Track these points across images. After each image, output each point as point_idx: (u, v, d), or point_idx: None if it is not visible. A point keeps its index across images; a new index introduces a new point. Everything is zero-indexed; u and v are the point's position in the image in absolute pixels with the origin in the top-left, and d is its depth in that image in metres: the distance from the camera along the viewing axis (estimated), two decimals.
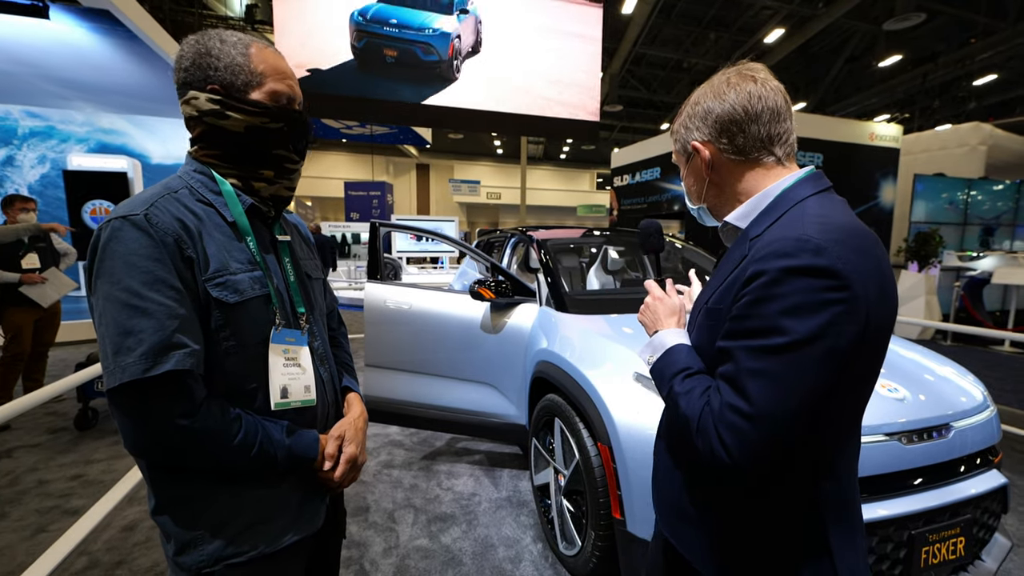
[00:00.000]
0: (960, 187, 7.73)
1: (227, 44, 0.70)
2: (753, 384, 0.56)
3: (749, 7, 10.40)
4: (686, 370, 0.68)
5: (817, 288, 0.54)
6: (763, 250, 0.58)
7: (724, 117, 0.68)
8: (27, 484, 2.34)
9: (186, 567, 0.67)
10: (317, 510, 0.79)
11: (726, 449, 0.57)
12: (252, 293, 0.70)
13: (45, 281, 3.15)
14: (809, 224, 0.59)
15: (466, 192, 18.47)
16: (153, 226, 0.63)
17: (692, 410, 0.62)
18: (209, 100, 0.69)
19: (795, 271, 0.55)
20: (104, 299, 0.61)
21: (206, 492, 0.68)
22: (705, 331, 0.69)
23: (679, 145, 0.77)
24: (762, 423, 0.55)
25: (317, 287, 0.90)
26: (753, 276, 0.58)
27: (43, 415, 3.18)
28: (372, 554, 1.84)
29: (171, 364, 0.60)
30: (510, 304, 2.30)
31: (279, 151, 0.75)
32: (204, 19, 9.48)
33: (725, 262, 0.71)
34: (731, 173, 0.71)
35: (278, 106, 0.73)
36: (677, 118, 0.77)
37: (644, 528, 1.37)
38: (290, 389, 0.73)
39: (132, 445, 0.63)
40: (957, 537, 1.33)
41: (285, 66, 0.75)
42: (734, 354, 0.59)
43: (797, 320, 0.54)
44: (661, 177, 8.35)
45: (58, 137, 7.93)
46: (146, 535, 1.94)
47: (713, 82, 0.71)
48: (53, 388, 1.80)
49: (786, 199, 0.66)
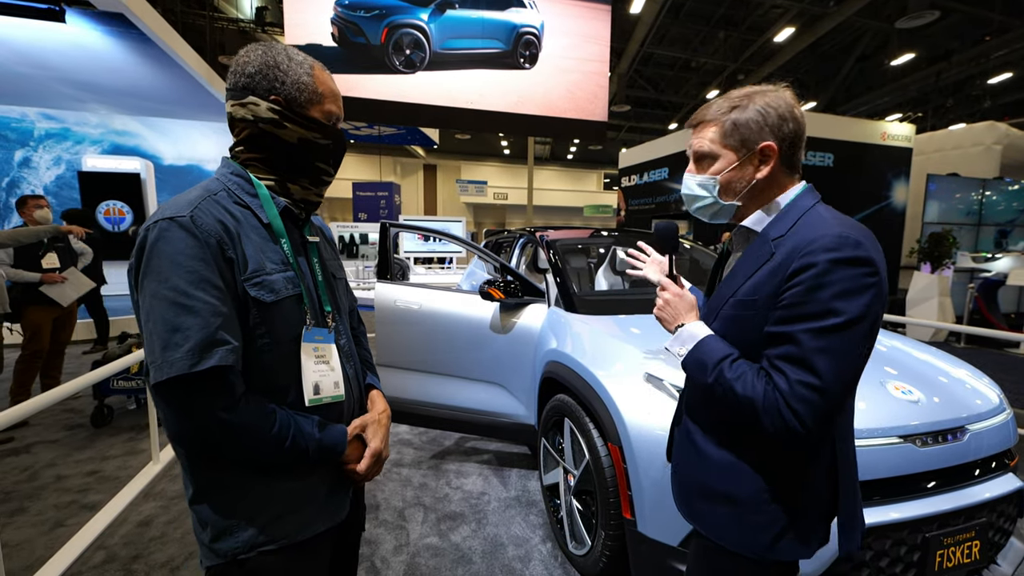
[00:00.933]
0: (974, 187, 7.61)
1: (294, 62, 0.75)
2: (820, 360, 0.66)
3: (759, 6, 10.31)
4: (728, 356, 0.75)
5: (859, 275, 0.66)
6: (808, 246, 0.68)
7: (795, 133, 0.76)
8: (45, 479, 2.39)
9: (222, 553, 0.70)
10: (342, 502, 0.82)
11: (800, 420, 0.66)
12: (286, 293, 0.73)
13: (65, 280, 3.22)
14: (836, 224, 0.70)
15: (473, 192, 18.51)
16: (198, 227, 0.66)
17: (754, 391, 0.70)
18: (270, 109, 0.73)
19: (841, 262, 0.66)
20: (152, 297, 0.63)
21: (241, 482, 0.71)
22: (735, 321, 0.78)
23: (735, 139, 0.77)
24: (830, 393, 0.66)
25: (341, 287, 0.93)
26: (802, 268, 0.68)
27: (60, 412, 3.25)
28: (383, 551, 1.86)
29: (215, 360, 0.63)
30: (519, 304, 2.31)
31: (320, 164, 0.80)
32: (215, 21, 9.59)
33: (746, 260, 0.79)
34: (774, 181, 0.79)
35: (331, 125, 0.79)
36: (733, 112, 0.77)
37: (654, 528, 1.37)
38: (321, 386, 0.76)
39: (176, 436, 0.67)
40: (972, 541, 1.32)
41: (337, 90, 0.82)
42: (795, 336, 0.68)
43: (848, 302, 0.65)
44: (669, 177, 8.31)
45: (73, 139, 8.07)
46: (161, 530, 1.98)
47: (783, 98, 0.76)
48: (71, 386, 1.84)
49: (796, 207, 0.77)
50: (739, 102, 0.77)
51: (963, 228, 7.49)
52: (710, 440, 0.83)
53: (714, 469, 0.81)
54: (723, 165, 0.79)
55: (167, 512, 2.11)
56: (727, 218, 0.84)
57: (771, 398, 0.68)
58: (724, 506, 0.80)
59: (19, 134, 7.82)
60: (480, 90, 7.41)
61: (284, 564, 0.73)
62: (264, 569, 0.72)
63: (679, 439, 0.93)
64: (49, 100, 7.28)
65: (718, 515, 0.81)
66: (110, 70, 5.95)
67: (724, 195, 0.81)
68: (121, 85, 6.51)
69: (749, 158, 0.77)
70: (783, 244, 0.73)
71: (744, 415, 0.71)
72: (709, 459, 0.82)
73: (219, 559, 0.71)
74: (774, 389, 0.68)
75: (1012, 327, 6.04)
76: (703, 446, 0.84)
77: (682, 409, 0.94)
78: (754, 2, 10.06)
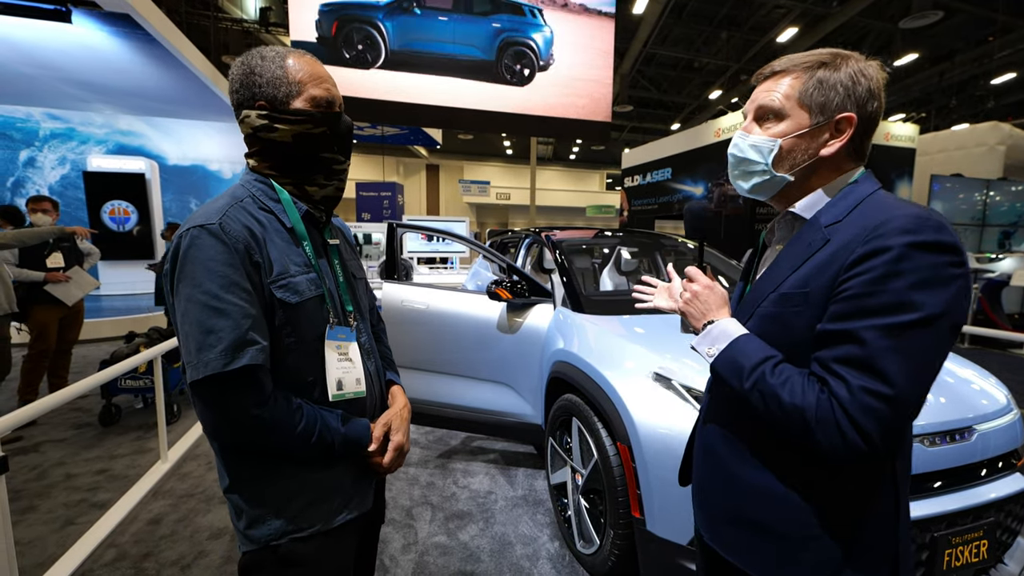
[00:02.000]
0: (978, 188, 7.60)
1: (266, 60, 0.75)
2: (892, 363, 0.55)
3: (761, 6, 10.30)
4: (770, 358, 0.64)
5: (944, 263, 0.55)
6: (878, 228, 0.58)
7: (876, 115, 0.66)
8: (55, 478, 2.41)
9: (256, 539, 0.74)
10: (367, 492, 0.85)
11: (864, 435, 0.55)
12: (310, 294, 0.76)
13: (69, 280, 3.23)
14: (908, 205, 0.60)
15: (476, 192, 18.51)
16: (227, 234, 0.69)
17: (804, 400, 0.59)
18: (259, 116, 0.75)
19: (922, 246, 0.55)
20: (187, 301, 0.67)
21: (271, 473, 0.75)
22: (777, 319, 0.67)
23: (815, 100, 0.66)
24: (902, 403, 0.55)
25: (361, 286, 0.95)
26: (871, 253, 0.57)
27: (68, 411, 3.27)
28: (392, 550, 1.87)
29: (247, 359, 0.66)
30: (526, 304, 2.32)
31: (325, 154, 0.80)
32: (219, 21, 9.62)
33: (792, 250, 0.69)
34: (837, 162, 0.68)
35: (318, 111, 0.77)
36: (821, 69, 0.66)
37: (663, 527, 1.38)
38: (344, 382, 0.79)
39: (212, 431, 0.71)
40: (980, 540, 1.32)
41: (322, 71, 0.79)
42: (859, 335, 0.56)
43: (928, 294, 0.54)
44: (672, 178, 8.31)
45: (78, 139, 8.11)
46: (171, 528, 1.99)
47: (874, 71, 0.66)
48: (80, 386, 1.85)
49: (855, 192, 0.67)
50: (829, 59, 0.66)
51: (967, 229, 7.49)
52: (742, 458, 0.71)
53: (748, 493, 0.70)
54: (790, 127, 0.67)
55: (176, 510, 2.12)
56: (769, 195, 0.73)
57: (827, 408, 0.57)
58: (763, 539, 0.68)
59: (24, 134, 7.87)
60: (482, 91, 7.42)
61: (314, 551, 0.76)
62: (295, 555, 0.75)
63: (701, 456, 0.81)
64: (54, 100, 7.32)
65: (756, 549, 0.69)
66: (115, 70, 5.98)
67: (779, 165, 0.69)
68: (126, 85, 6.55)
69: (822, 127, 0.66)
70: (840, 230, 0.63)
71: (790, 429, 0.60)
72: (741, 481, 0.71)
73: (254, 545, 0.74)
74: (830, 397, 0.57)
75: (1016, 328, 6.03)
76: (733, 466, 0.72)
77: (704, 422, 0.82)
78: (757, 2, 10.05)
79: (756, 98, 0.72)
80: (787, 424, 0.61)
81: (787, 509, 0.66)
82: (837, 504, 0.64)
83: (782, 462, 0.67)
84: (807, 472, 0.65)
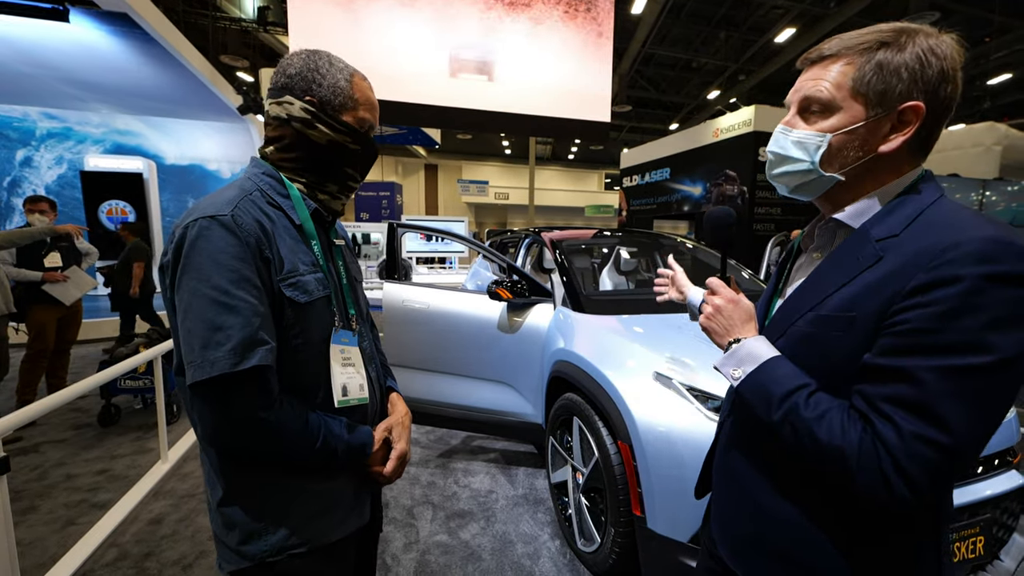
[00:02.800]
0: (975, 188, 7.64)
1: (334, 67, 0.77)
2: (952, 409, 0.48)
3: (760, 6, 10.33)
4: (804, 387, 0.58)
5: (1022, 299, 0.48)
6: (946, 253, 0.50)
7: (950, 101, 0.56)
8: (55, 478, 2.41)
9: (250, 556, 0.70)
10: (366, 503, 0.83)
11: (911, 485, 0.49)
12: (318, 294, 0.74)
13: (67, 280, 3.23)
14: (983, 224, 0.51)
15: (474, 192, 18.52)
16: (239, 227, 0.66)
17: (844, 440, 0.53)
18: (303, 109, 0.74)
19: (1000, 279, 0.48)
20: (192, 294, 0.63)
21: (272, 484, 0.71)
22: (813, 342, 0.60)
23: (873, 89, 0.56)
24: (958, 454, 0.49)
25: (361, 289, 0.94)
26: (937, 282, 0.49)
27: (67, 411, 3.26)
28: (393, 549, 1.88)
29: (257, 359, 0.63)
30: (527, 304, 2.33)
31: (348, 169, 0.81)
32: (217, 21, 9.59)
33: (835, 264, 0.61)
34: (897, 162, 0.59)
35: (362, 131, 0.79)
36: (881, 50, 0.56)
37: (664, 524, 1.39)
38: (349, 388, 0.77)
39: (211, 436, 0.66)
40: (976, 536, 1.34)
41: (375, 99, 0.83)
42: (917, 375, 0.50)
43: (1003, 335, 0.48)
44: (671, 178, 8.33)
45: (75, 138, 8.07)
46: (172, 528, 1.99)
47: (950, 47, 0.55)
48: (80, 386, 1.85)
49: (914, 200, 0.58)
50: (891, 37, 0.56)
51: None
52: (768, 486, 0.65)
53: (772, 522, 0.64)
54: (843, 121, 0.58)
55: (178, 510, 2.13)
56: (815, 194, 0.64)
57: (870, 452, 0.51)
58: (788, 569, 0.63)
59: (21, 133, 7.83)
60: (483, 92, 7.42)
61: (313, 567, 0.73)
62: (293, 572, 0.71)
63: (722, 476, 0.75)
64: (51, 99, 7.28)
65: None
66: (113, 70, 5.96)
67: (827, 163, 0.60)
68: (124, 85, 6.52)
69: (881, 120, 0.56)
70: (897, 246, 0.55)
71: (826, 467, 0.55)
72: (765, 510, 0.65)
73: (246, 562, 0.70)
74: (875, 440, 0.51)
75: None
76: (759, 495, 0.66)
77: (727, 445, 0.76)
78: (755, 2, 10.08)
79: (801, 87, 0.62)
80: (821, 461, 0.55)
81: (816, 543, 0.60)
82: (871, 538, 0.58)
83: (811, 495, 0.62)
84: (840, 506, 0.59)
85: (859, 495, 0.53)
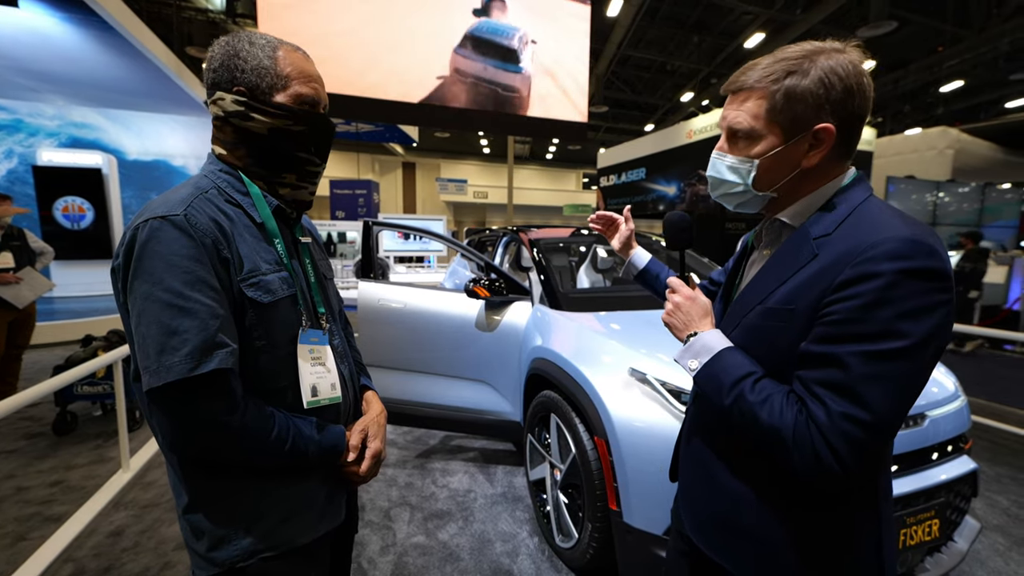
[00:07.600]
0: (930, 189, 8.06)
1: (255, 46, 0.71)
2: (872, 391, 0.54)
3: (730, 12, 10.61)
4: (751, 375, 0.64)
5: (931, 290, 0.54)
6: (867, 251, 0.56)
7: (861, 111, 0.62)
8: (4, 491, 2.26)
9: (219, 562, 0.68)
10: (341, 504, 0.81)
11: (839, 460, 0.55)
12: (282, 293, 0.72)
13: (20, 281, 3.04)
14: (901, 224, 0.57)
15: (453, 191, 18.39)
16: (193, 227, 0.63)
17: (782, 421, 0.59)
18: (235, 102, 0.70)
19: (912, 273, 0.54)
20: (144, 299, 0.61)
21: (239, 488, 0.69)
22: (761, 333, 0.66)
23: (785, 116, 0.62)
24: (879, 430, 0.55)
25: (332, 287, 0.91)
26: (859, 278, 0.55)
27: (17, 420, 3.06)
28: (370, 552, 1.84)
29: (216, 363, 0.61)
30: (504, 302, 2.32)
31: (301, 154, 0.76)
32: (181, 11, 9.20)
33: (779, 261, 0.67)
34: (824, 170, 0.65)
35: (301, 109, 0.73)
36: (788, 78, 0.62)
37: (640, 518, 1.41)
38: (319, 388, 0.75)
39: (172, 443, 0.64)
40: (932, 520, 1.41)
41: (312, 69, 0.75)
42: (843, 360, 0.56)
43: (915, 323, 0.54)
44: (646, 178, 8.48)
45: (26, 131, 7.61)
46: (134, 540, 1.90)
47: (851, 62, 0.60)
48: (31, 393, 1.73)
49: (845, 200, 0.64)
50: (796, 65, 0.61)
51: None
52: (724, 467, 0.72)
53: (731, 500, 0.70)
54: (765, 147, 0.65)
55: (140, 521, 2.03)
56: (756, 209, 0.72)
57: (804, 431, 0.57)
58: (748, 543, 0.69)
59: None
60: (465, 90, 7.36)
61: (286, 569, 0.72)
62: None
63: (687, 460, 0.82)
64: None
65: (743, 552, 0.70)
66: (68, 59, 5.64)
67: (760, 184, 0.67)
68: (80, 75, 6.19)
69: (799, 141, 0.63)
70: (829, 244, 0.61)
71: (768, 447, 0.60)
72: (724, 488, 0.71)
73: (216, 568, 0.68)
74: (808, 420, 0.57)
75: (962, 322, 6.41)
76: (716, 473, 0.73)
77: (690, 431, 0.82)
78: (726, 8, 10.34)
79: (726, 116, 0.68)
80: (764, 442, 0.61)
81: (769, 516, 0.66)
82: (817, 510, 0.64)
83: (761, 472, 0.67)
84: (785, 485, 0.65)
85: (796, 471, 0.58)
